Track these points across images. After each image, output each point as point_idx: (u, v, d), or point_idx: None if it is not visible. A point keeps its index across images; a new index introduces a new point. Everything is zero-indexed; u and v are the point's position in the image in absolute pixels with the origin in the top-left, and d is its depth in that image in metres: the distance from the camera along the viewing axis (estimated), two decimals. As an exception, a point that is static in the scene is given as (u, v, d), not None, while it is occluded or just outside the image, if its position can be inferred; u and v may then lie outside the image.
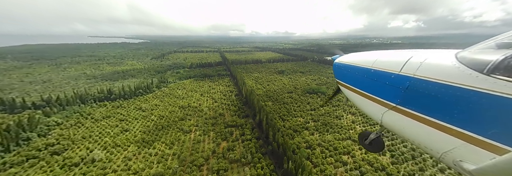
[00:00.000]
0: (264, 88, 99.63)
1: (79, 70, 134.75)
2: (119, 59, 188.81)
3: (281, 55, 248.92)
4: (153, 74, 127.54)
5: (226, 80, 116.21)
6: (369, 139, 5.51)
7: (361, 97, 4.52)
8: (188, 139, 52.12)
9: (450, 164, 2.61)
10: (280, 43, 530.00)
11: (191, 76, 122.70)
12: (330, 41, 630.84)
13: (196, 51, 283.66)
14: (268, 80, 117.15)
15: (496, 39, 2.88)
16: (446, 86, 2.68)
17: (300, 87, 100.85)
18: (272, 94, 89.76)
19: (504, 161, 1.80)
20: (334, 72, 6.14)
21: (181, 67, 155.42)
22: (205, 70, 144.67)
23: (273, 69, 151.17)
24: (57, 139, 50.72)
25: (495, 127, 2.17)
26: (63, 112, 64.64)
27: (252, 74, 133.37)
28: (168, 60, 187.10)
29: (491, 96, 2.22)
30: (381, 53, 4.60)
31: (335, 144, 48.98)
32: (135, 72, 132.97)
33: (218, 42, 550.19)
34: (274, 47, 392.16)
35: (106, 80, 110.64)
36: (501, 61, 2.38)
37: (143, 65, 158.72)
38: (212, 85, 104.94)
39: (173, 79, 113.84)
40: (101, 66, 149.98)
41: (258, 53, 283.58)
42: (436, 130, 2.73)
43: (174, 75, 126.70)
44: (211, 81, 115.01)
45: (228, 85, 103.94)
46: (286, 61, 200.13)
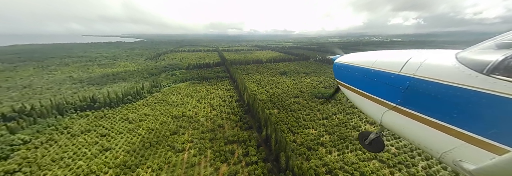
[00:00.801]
0: (267, 92, 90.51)
1: (66, 73, 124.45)
2: (111, 60, 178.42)
3: (281, 54, 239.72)
4: (146, 77, 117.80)
5: (225, 83, 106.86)
6: (369, 139, 5.45)
7: (361, 97, 4.48)
8: (180, 161, 42.93)
9: (450, 164, 2.60)
10: (279, 42, 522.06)
11: (187, 78, 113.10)
12: (329, 39, 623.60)
13: (194, 51, 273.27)
14: (270, 82, 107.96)
15: (496, 39, 2.84)
16: (446, 86, 2.68)
17: (306, 90, 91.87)
18: (276, 99, 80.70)
19: (504, 161, 1.82)
20: (334, 72, 6.07)
21: (177, 68, 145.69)
22: (202, 72, 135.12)
23: (275, 70, 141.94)
24: (20, 164, 41.40)
25: (495, 127, 2.17)
26: (34, 127, 55.10)
27: (253, 75, 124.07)
28: (164, 61, 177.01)
29: (491, 96, 2.23)
30: (381, 53, 4.56)
31: (361, 167, 40.11)
32: (126, 74, 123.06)
33: (216, 41, 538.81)
34: (274, 45, 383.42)
35: (94, 84, 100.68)
36: (501, 61, 2.37)
37: (136, 67, 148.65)
38: (210, 89, 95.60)
39: (168, 82, 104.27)
40: (91, 68, 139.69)
41: (257, 52, 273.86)
42: (436, 130, 2.73)
43: (169, 77, 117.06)
44: (209, 84, 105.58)
45: (227, 89, 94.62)
46: (287, 61, 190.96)
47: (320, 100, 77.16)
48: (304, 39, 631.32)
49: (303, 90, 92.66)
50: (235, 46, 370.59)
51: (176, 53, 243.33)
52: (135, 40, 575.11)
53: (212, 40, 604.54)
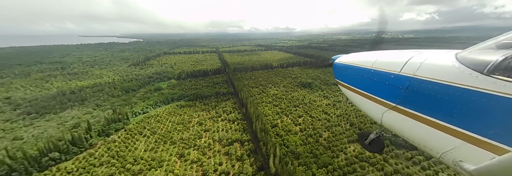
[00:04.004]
0: (296, 126, 57.19)
1: (11, 90, 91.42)
2: (87, 67, 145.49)
3: (291, 56, 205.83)
4: (117, 95, 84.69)
5: (229, 104, 73.51)
6: (369, 139, 5.37)
7: (361, 97, 4.44)
8: None
9: (450, 164, 2.59)
10: (283, 40, 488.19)
11: (174, 97, 79.74)
12: (334, 36, 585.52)
13: (191, 52, 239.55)
14: (293, 101, 74.43)
15: (496, 40, 2.82)
16: (446, 86, 2.67)
17: (363, 125, 56.96)
18: (320, 148, 47.13)
19: (504, 161, 1.80)
20: (334, 72, 5.97)
21: (166, 78, 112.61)
22: (198, 83, 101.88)
23: (292, 79, 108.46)
24: None
25: (495, 127, 2.16)
26: None
27: (266, 89, 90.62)
28: (151, 67, 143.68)
29: (491, 96, 2.22)
30: (381, 53, 4.51)
31: None
32: (93, 90, 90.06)
33: (216, 40, 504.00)
34: (278, 44, 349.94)
35: (30, 113, 67.22)
36: (501, 61, 2.38)
37: (112, 77, 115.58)
38: (205, 118, 62.52)
39: (144, 105, 71.15)
40: (52, 81, 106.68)
41: (263, 52, 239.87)
42: (436, 130, 2.71)
43: (148, 95, 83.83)
44: (205, 107, 72.30)
45: (233, 120, 61.09)
46: (303, 65, 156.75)
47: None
48: (308, 37, 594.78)
49: (356, 122, 58.52)
50: (237, 45, 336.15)
51: (170, 56, 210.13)
52: (130, 40, 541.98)
53: (212, 39, 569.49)
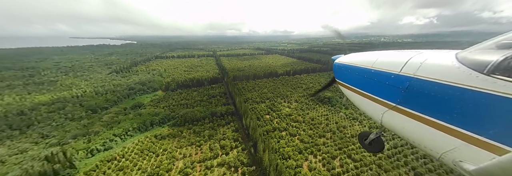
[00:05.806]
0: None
1: None
2: (61, 74, 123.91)
3: (296, 61, 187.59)
4: (77, 118, 63.78)
5: (229, 133, 53.32)
6: (369, 139, 5.38)
7: (361, 97, 4.47)
8: None
9: (450, 164, 2.58)
10: (282, 43, 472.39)
11: (155, 121, 59.27)
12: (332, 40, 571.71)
13: (185, 56, 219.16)
14: (320, 132, 54.60)
15: (496, 40, 2.81)
16: (446, 86, 2.67)
17: None
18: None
19: (504, 161, 1.80)
20: (334, 72, 5.99)
21: (150, 90, 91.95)
22: (190, 95, 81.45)
23: (303, 90, 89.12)
24: None
25: (495, 127, 2.16)
26: None
27: (276, 106, 70.90)
28: (136, 75, 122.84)
29: (491, 96, 2.23)
30: (381, 53, 4.54)
31: None
32: (50, 109, 68.96)
33: (214, 43, 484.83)
34: (278, 47, 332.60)
35: None
36: (501, 61, 2.38)
37: (84, 88, 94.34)
38: (194, 160, 42.17)
39: (108, 136, 50.51)
40: (4, 94, 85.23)
41: (263, 57, 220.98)
42: (436, 130, 2.71)
43: (120, 118, 63.11)
44: (195, 138, 51.91)
45: (235, 166, 40.99)
46: (311, 72, 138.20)
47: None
48: (307, 40, 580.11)
49: (423, 171, 39.32)
50: (236, 49, 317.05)
51: (161, 60, 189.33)
52: (122, 42, 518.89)
53: (210, 41, 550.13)
